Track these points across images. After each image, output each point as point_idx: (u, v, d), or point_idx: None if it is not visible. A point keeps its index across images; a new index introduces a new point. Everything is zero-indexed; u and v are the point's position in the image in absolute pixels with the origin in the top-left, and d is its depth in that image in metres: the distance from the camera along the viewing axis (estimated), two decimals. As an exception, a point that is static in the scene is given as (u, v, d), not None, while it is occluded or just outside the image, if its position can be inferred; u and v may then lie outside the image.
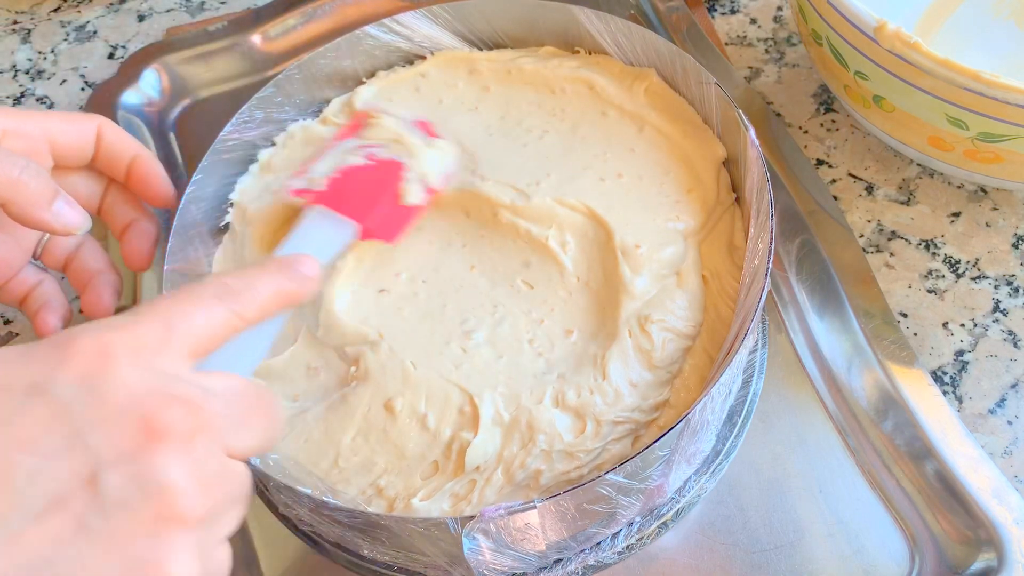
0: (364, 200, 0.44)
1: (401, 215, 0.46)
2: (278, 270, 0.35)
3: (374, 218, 0.44)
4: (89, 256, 0.49)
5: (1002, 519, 0.43)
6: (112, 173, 0.48)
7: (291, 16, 0.68)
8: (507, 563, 0.40)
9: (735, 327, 0.43)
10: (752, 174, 0.46)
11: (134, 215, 0.48)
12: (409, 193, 0.45)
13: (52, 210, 0.42)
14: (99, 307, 0.47)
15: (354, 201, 0.44)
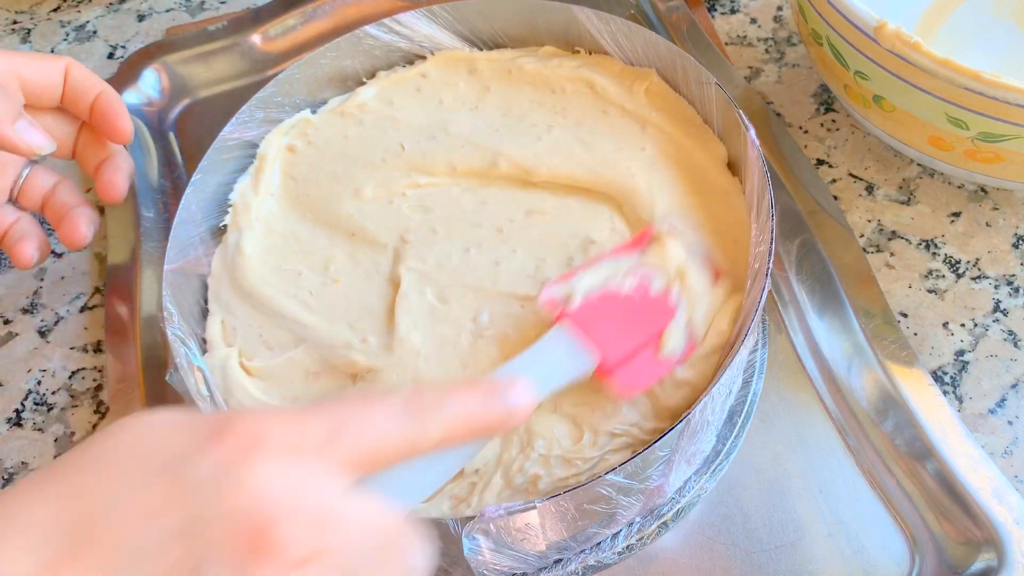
0: (616, 336, 0.40)
1: (649, 367, 0.40)
2: (482, 393, 0.31)
3: (619, 358, 0.39)
4: (65, 193, 0.50)
5: (1002, 519, 0.43)
6: (79, 112, 0.49)
7: (291, 16, 0.68)
8: (507, 563, 0.40)
9: (735, 327, 0.42)
10: (752, 174, 0.46)
11: (106, 152, 0.50)
12: (669, 344, 0.40)
13: (15, 128, 0.42)
14: (75, 236, 0.48)
15: (605, 333, 0.39)
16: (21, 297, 0.58)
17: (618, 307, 0.41)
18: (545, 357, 0.39)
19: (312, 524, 0.25)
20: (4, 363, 0.55)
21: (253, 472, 0.25)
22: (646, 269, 0.42)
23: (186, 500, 0.25)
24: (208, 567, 0.24)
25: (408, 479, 0.31)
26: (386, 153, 0.52)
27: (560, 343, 0.39)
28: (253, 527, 0.24)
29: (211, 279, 0.49)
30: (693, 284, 0.43)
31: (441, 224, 0.49)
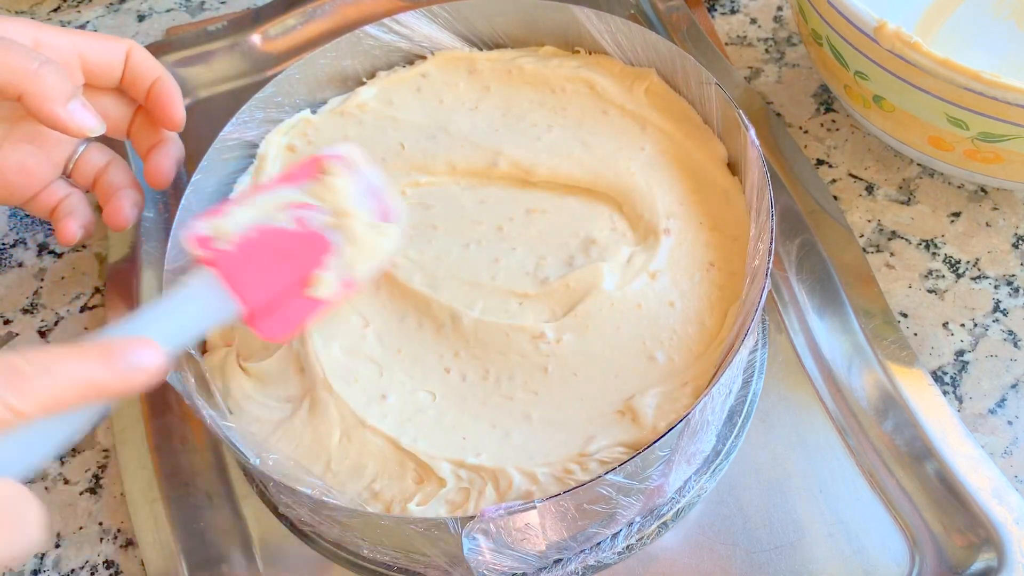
0: (265, 278, 0.38)
1: (299, 308, 0.39)
2: (97, 356, 0.30)
3: (263, 305, 0.38)
4: (116, 173, 0.50)
5: (1002, 519, 0.43)
6: (136, 95, 0.49)
7: (291, 16, 0.68)
8: (507, 563, 0.40)
9: (735, 327, 0.43)
10: (752, 174, 0.46)
11: (158, 137, 0.50)
12: (322, 284, 0.39)
13: (67, 108, 0.43)
14: (118, 217, 0.49)
15: (254, 277, 0.38)
16: (21, 297, 0.58)
17: (272, 244, 0.39)
18: (181, 308, 0.37)
19: None
20: None
21: None
22: (310, 201, 0.40)
23: None
24: None
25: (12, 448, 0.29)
26: (386, 152, 0.52)
27: (199, 293, 0.38)
28: None
29: None
30: (354, 225, 0.41)
31: (441, 221, 0.49)
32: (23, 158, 0.48)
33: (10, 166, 0.47)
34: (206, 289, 0.38)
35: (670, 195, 0.48)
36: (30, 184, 0.49)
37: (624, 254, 0.46)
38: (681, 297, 0.45)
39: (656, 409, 0.41)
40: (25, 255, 0.60)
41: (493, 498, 0.40)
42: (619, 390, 0.42)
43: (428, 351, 0.45)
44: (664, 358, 0.43)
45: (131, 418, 0.49)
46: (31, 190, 0.49)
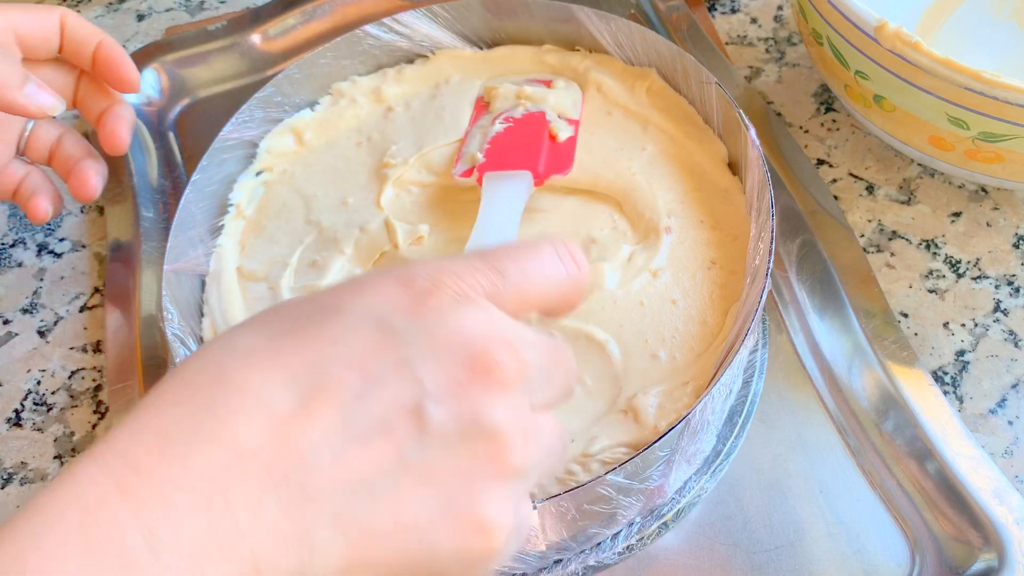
0: (525, 152, 0.48)
1: (563, 149, 0.49)
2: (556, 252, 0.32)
3: (541, 161, 0.47)
4: (71, 145, 0.50)
5: (1002, 519, 0.43)
6: (79, 62, 0.49)
7: (291, 16, 0.68)
8: (507, 563, 0.40)
9: (735, 327, 0.42)
10: (752, 174, 0.46)
11: (108, 102, 0.49)
12: (559, 131, 0.49)
13: (24, 92, 0.43)
14: (85, 189, 0.49)
15: (516, 156, 0.47)
16: (21, 297, 0.58)
17: (508, 139, 0.49)
18: (497, 203, 0.45)
19: (511, 348, 0.27)
20: (4, 363, 0.55)
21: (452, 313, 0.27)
22: (499, 112, 0.51)
23: (394, 343, 0.26)
24: (430, 400, 0.25)
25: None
26: (386, 152, 0.52)
27: (498, 187, 0.46)
28: (471, 356, 0.26)
29: (208, 279, 0.49)
30: (535, 94, 0.51)
31: (441, 218, 0.49)
32: None
33: None
34: (499, 183, 0.46)
35: (671, 194, 0.48)
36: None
37: (625, 253, 0.46)
38: (683, 295, 0.45)
39: (657, 409, 0.41)
40: (25, 255, 0.60)
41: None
42: (621, 389, 0.42)
43: None
44: (666, 356, 0.43)
45: (131, 418, 0.49)
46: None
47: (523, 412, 0.27)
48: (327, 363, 0.25)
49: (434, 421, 0.25)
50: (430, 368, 0.26)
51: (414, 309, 0.27)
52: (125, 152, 0.50)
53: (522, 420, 0.27)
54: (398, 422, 0.25)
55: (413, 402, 0.25)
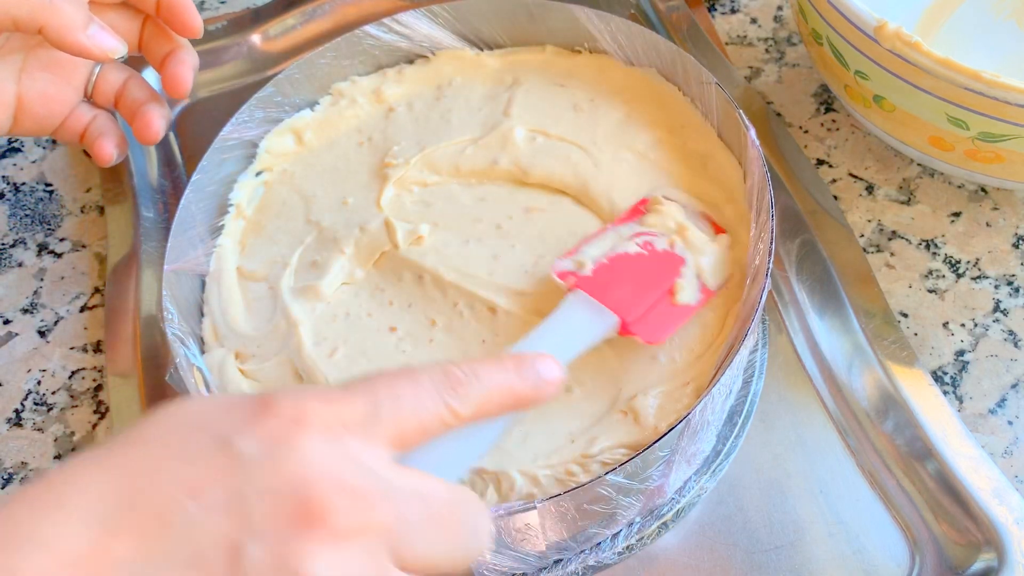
0: (632, 293, 0.41)
1: (670, 315, 0.42)
2: (514, 367, 0.31)
3: (639, 313, 0.41)
4: (136, 89, 0.50)
5: (1002, 519, 0.43)
6: (144, 7, 0.49)
7: (291, 16, 0.68)
8: (507, 563, 0.40)
9: (735, 327, 0.42)
10: (752, 174, 0.46)
11: (171, 46, 0.50)
12: (683, 291, 0.42)
13: (87, 33, 0.43)
14: (148, 132, 0.49)
15: (621, 292, 0.41)
16: (21, 297, 0.58)
17: (628, 267, 0.43)
18: (564, 326, 0.40)
19: (359, 497, 0.25)
20: (4, 363, 0.55)
21: (299, 448, 0.25)
22: (647, 230, 0.44)
23: (232, 475, 0.25)
24: (253, 540, 0.24)
25: (444, 455, 0.31)
26: (387, 152, 0.52)
27: (577, 310, 0.40)
28: (300, 500, 0.25)
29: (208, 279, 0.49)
30: (694, 237, 0.44)
31: (441, 218, 0.49)
32: (43, 87, 0.48)
33: (32, 96, 0.48)
34: (581, 307, 0.41)
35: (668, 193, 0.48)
36: (54, 112, 0.49)
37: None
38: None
39: (657, 409, 0.41)
40: (25, 255, 0.60)
41: (495, 500, 0.40)
42: (620, 390, 0.42)
43: (430, 353, 0.45)
44: (665, 357, 0.43)
45: (131, 418, 0.49)
46: (57, 117, 0.49)
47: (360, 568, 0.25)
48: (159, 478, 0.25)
49: (249, 563, 0.24)
50: (262, 504, 0.24)
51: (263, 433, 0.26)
52: (187, 95, 0.50)
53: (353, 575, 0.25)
54: (214, 557, 0.24)
55: (237, 538, 0.24)
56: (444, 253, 0.47)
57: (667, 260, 0.43)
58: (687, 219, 0.45)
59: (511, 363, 0.32)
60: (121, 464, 0.25)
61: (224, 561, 0.24)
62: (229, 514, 0.24)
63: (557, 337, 0.39)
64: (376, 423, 0.27)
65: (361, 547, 0.25)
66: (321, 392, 0.27)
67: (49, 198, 0.62)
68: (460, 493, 0.29)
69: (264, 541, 0.24)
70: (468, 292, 0.46)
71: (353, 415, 0.27)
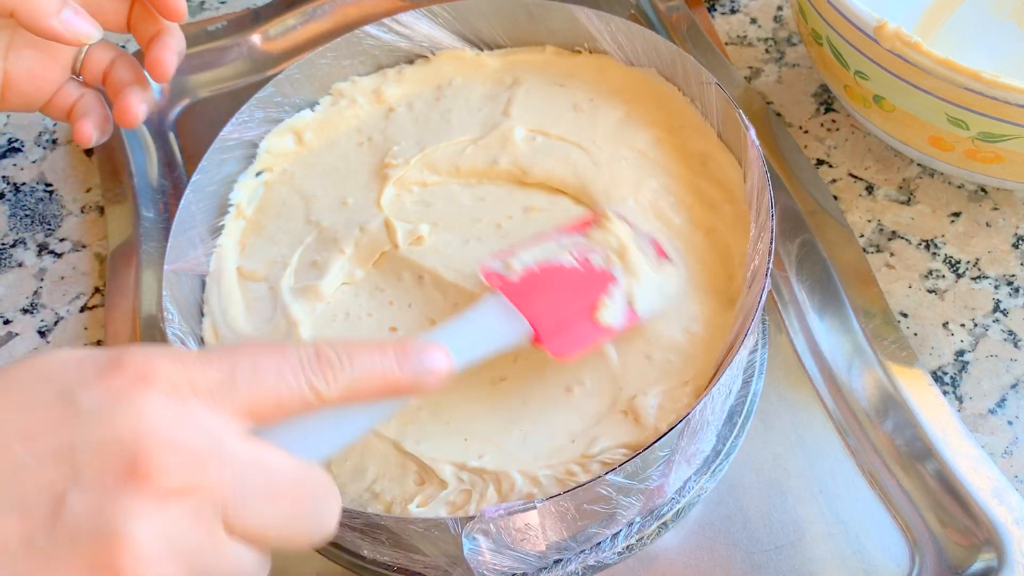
0: (553, 304, 0.40)
1: (587, 332, 0.41)
2: (393, 354, 0.31)
3: (552, 326, 0.40)
4: (122, 69, 0.50)
5: (1002, 519, 0.43)
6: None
7: (291, 16, 0.68)
8: (507, 563, 0.40)
9: (735, 327, 0.43)
10: (752, 174, 0.46)
11: (156, 28, 0.49)
12: (607, 311, 0.41)
13: (60, 18, 0.43)
14: (127, 115, 0.49)
15: (541, 303, 0.40)
16: (21, 297, 0.58)
17: (556, 278, 0.41)
18: (472, 325, 0.39)
19: (191, 457, 0.25)
20: (4, 363, 0.55)
21: (138, 404, 0.25)
22: (588, 244, 0.43)
23: (68, 426, 0.25)
24: (77, 491, 0.24)
25: (308, 434, 0.30)
26: (387, 152, 0.52)
27: (490, 311, 0.39)
28: (128, 454, 0.24)
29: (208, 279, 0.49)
30: (633, 260, 0.43)
31: (441, 218, 0.49)
32: (30, 64, 0.48)
33: (19, 74, 0.48)
34: (496, 309, 0.39)
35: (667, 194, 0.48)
36: (42, 89, 0.49)
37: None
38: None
39: (658, 409, 0.41)
40: (25, 255, 0.60)
41: (494, 500, 0.40)
42: (621, 390, 0.42)
43: None
44: (665, 357, 0.43)
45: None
46: (44, 95, 0.49)
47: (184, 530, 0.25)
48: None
49: (69, 513, 0.24)
50: (90, 456, 0.24)
51: (106, 386, 0.25)
52: (168, 79, 0.50)
53: (174, 536, 0.24)
54: (36, 504, 0.24)
55: (60, 487, 0.24)
56: (444, 253, 0.47)
57: (598, 277, 0.42)
58: (633, 240, 0.44)
59: (392, 349, 0.31)
60: None
61: (45, 508, 0.24)
62: (57, 463, 0.24)
63: (463, 335, 0.38)
64: (228, 391, 0.27)
65: (188, 507, 0.25)
66: (176, 353, 0.27)
67: (49, 198, 0.62)
68: (308, 471, 0.28)
69: (87, 492, 0.24)
70: (468, 292, 0.46)
71: (205, 380, 0.27)
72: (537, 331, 0.39)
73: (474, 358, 0.37)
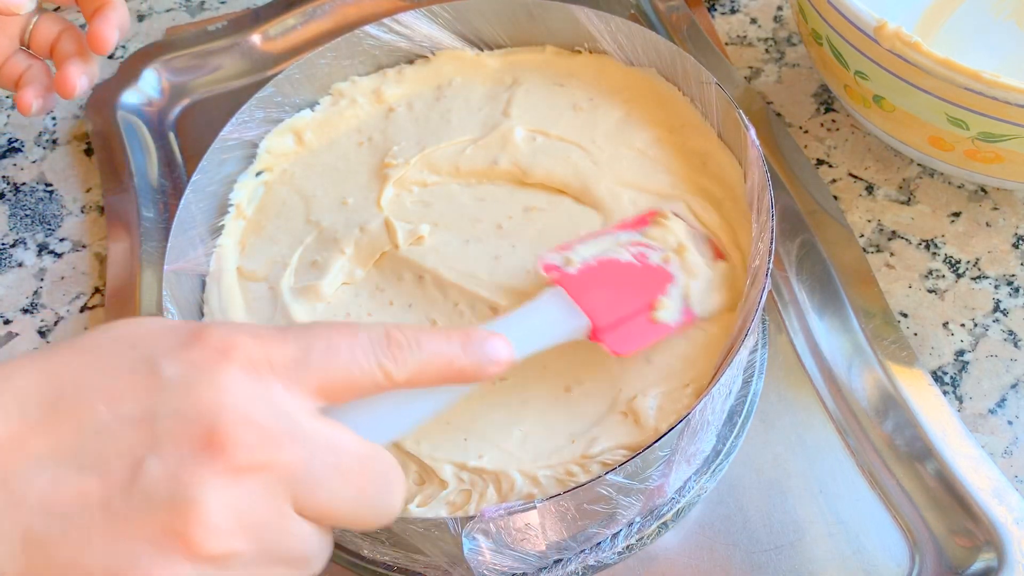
0: (611, 300, 0.40)
1: (644, 330, 0.41)
2: (459, 341, 0.31)
3: (611, 321, 0.40)
4: (67, 41, 0.52)
5: (1002, 519, 0.43)
6: None
7: (291, 16, 0.68)
8: (507, 563, 0.40)
9: (735, 327, 0.42)
10: (752, 174, 0.46)
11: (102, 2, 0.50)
12: (664, 309, 0.41)
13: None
14: (65, 87, 0.50)
15: (599, 297, 0.40)
16: (21, 297, 0.58)
17: (614, 274, 0.42)
18: (533, 317, 0.39)
19: (266, 435, 0.26)
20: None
21: (218, 378, 0.26)
22: (646, 241, 0.43)
23: (151, 394, 0.26)
24: (154, 456, 0.25)
25: (375, 417, 0.31)
26: (388, 152, 0.52)
27: (550, 305, 0.40)
28: (208, 426, 0.25)
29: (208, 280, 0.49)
30: (691, 259, 0.43)
31: (441, 218, 0.49)
32: None
33: None
34: (555, 302, 0.40)
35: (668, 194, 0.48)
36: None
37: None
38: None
39: (657, 410, 0.41)
40: (25, 255, 0.60)
41: (494, 500, 0.40)
42: (620, 391, 0.42)
43: None
44: (665, 360, 0.43)
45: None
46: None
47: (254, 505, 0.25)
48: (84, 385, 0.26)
49: (147, 477, 0.25)
50: (170, 424, 0.25)
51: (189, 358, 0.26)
52: (108, 52, 0.50)
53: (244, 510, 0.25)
54: (116, 466, 0.25)
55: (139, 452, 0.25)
56: (444, 253, 0.47)
57: (656, 275, 0.42)
58: (689, 239, 0.44)
59: (457, 336, 0.32)
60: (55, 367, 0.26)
61: (123, 470, 0.25)
62: (139, 428, 0.25)
63: (523, 326, 0.39)
64: (303, 368, 0.27)
65: (259, 484, 0.25)
66: (255, 329, 0.28)
67: (49, 198, 0.62)
68: (376, 451, 0.28)
69: (164, 459, 0.25)
70: (468, 292, 0.46)
71: (282, 356, 0.27)
72: (595, 325, 0.39)
73: (533, 349, 0.38)
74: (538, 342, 0.38)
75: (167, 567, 0.24)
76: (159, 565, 0.24)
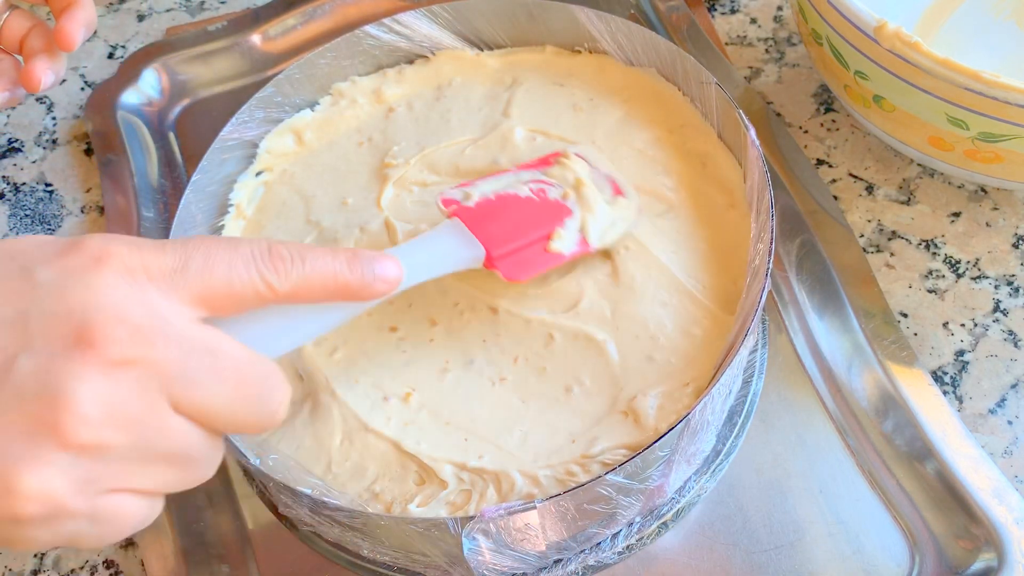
0: (507, 230, 0.42)
1: (538, 258, 0.43)
2: (345, 258, 0.32)
3: (505, 250, 0.41)
4: (36, 38, 0.52)
5: (1002, 519, 0.43)
6: None
7: (291, 16, 0.68)
8: (507, 563, 0.40)
9: (735, 327, 0.43)
10: (752, 174, 0.46)
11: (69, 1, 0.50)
12: (559, 240, 0.43)
13: None
14: (30, 82, 0.51)
15: (496, 228, 0.42)
16: (21, 297, 0.57)
17: (512, 207, 0.43)
18: (428, 244, 0.41)
19: (137, 332, 0.26)
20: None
21: (91, 281, 0.27)
22: (546, 179, 0.45)
23: (23, 298, 0.26)
24: (26, 354, 0.26)
25: (261, 331, 0.31)
26: (387, 152, 0.52)
27: (446, 234, 0.41)
28: (79, 323, 0.26)
29: None
30: (589, 194, 0.45)
31: (441, 218, 0.49)
32: None
33: None
34: (451, 232, 0.41)
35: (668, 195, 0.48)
36: None
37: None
38: (681, 297, 0.45)
39: (658, 410, 0.41)
40: (25, 255, 0.59)
41: (494, 500, 0.40)
42: (621, 391, 0.42)
43: (430, 353, 0.45)
44: (665, 359, 0.43)
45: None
46: None
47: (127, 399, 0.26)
48: None
49: (18, 373, 0.25)
50: (42, 325, 0.26)
51: (64, 264, 0.27)
52: (73, 49, 0.50)
53: (116, 404, 0.26)
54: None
55: (12, 351, 0.26)
56: None
57: (554, 209, 0.44)
58: (589, 177, 0.46)
59: (344, 254, 0.32)
60: None
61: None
62: (11, 329, 0.26)
63: (418, 253, 0.40)
64: (181, 277, 0.28)
65: (132, 378, 0.26)
66: (132, 239, 0.28)
67: (49, 198, 0.62)
68: (255, 357, 0.29)
69: (36, 355, 0.25)
70: (469, 292, 0.46)
71: (160, 265, 0.28)
72: (489, 254, 0.41)
73: (428, 275, 0.39)
74: (432, 268, 0.40)
75: (39, 455, 0.25)
76: (31, 453, 0.25)
